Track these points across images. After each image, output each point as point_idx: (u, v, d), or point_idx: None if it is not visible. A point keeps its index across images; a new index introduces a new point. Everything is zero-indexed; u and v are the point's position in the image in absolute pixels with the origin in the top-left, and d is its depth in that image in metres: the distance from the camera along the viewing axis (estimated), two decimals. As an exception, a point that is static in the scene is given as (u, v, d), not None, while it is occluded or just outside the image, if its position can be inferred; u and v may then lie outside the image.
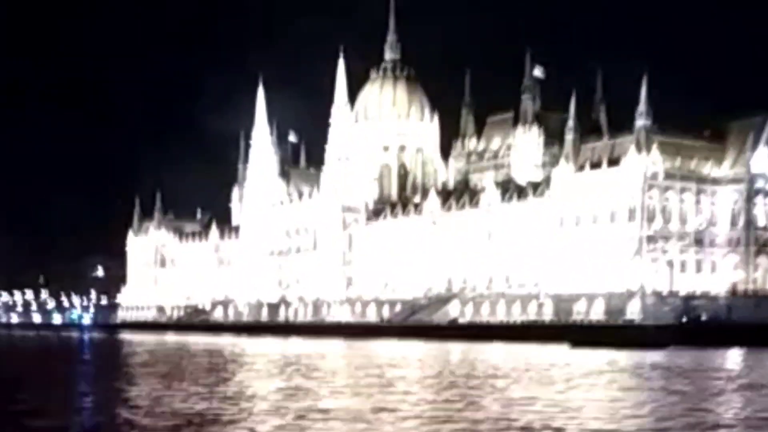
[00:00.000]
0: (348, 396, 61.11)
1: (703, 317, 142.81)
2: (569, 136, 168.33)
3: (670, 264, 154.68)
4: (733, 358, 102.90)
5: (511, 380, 72.90)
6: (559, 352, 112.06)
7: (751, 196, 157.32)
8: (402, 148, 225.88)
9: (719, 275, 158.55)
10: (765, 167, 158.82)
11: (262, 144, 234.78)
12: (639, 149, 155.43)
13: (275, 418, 49.92)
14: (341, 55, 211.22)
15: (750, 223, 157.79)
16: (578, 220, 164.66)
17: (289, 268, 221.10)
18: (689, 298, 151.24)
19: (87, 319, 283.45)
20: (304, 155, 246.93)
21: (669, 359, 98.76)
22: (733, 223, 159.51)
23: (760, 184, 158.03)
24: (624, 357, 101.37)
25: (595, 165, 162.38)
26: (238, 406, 56.18)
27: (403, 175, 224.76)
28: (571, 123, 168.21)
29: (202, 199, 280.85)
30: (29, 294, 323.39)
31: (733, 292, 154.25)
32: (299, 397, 61.23)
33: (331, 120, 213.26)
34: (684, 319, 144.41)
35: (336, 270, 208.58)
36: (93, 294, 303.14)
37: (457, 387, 67.22)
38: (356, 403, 56.39)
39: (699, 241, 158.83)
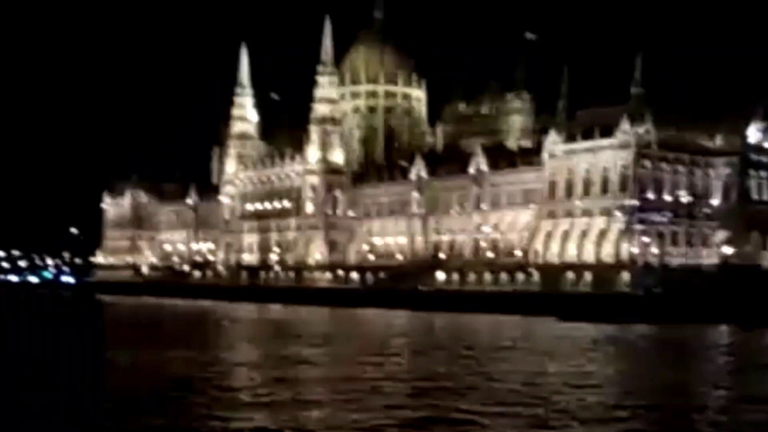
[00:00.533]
0: (354, 365, 58.07)
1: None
2: (561, 104, 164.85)
3: (661, 236, 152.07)
4: (725, 334, 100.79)
5: (519, 352, 70.21)
6: (548, 325, 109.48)
7: (744, 168, 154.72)
8: (389, 110, 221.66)
9: (710, 249, 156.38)
10: (759, 140, 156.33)
11: (243, 104, 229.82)
12: (632, 119, 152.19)
13: (283, 389, 46.93)
14: (327, 15, 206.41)
15: (743, 196, 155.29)
16: (569, 189, 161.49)
17: (270, 232, 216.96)
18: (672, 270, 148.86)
19: (68, 279, 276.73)
20: (287, 117, 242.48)
21: (663, 334, 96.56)
22: (726, 197, 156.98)
23: (754, 156, 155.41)
24: (617, 331, 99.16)
25: (587, 134, 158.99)
26: (245, 375, 53.32)
27: (390, 138, 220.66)
28: (563, 89, 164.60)
29: (180, 159, 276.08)
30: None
31: (724, 267, 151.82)
32: (304, 367, 58.21)
33: (318, 80, 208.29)
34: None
35: (319, 234, 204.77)
36: (67, 254, 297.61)
37: (464, 358, 64.40)
38: (366, 373, 53.45)
39: (690, 214, 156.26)
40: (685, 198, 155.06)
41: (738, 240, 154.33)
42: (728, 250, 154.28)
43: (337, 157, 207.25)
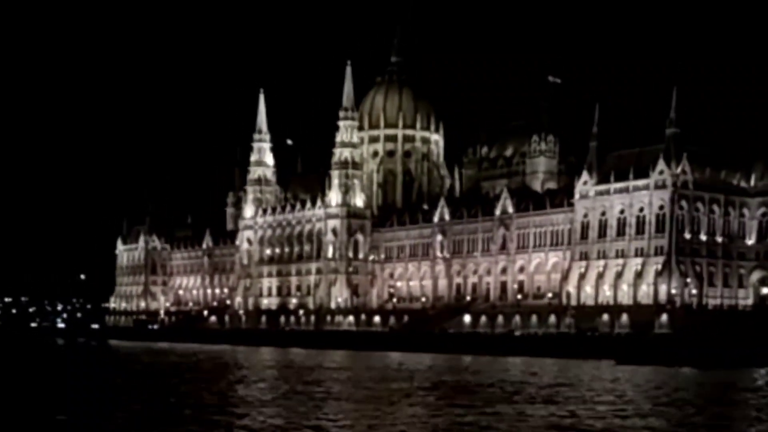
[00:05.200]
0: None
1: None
2: (593, 144, 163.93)
3: (699, 277, 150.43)
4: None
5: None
6: (607, 369, 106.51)
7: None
8: (407, 154, 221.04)
9: (746, 289, 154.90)
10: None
11: (261, 149, 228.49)
12: (668, 159, 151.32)
13: None
14: (348, 61, 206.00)
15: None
16: (602, 230, 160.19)
17: (290, 276, 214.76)
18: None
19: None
20: (300, 162, 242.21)
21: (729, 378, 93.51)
22: (761, 237, 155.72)
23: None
24: (694, 375, 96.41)
25: (621, 175, 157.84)
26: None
27: (409, 181, 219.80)
28: (594, 130, 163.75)
29: (193, 205, 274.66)
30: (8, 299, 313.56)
31: (761, 307, 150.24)
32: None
33: (339, 124, 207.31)
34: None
35: (341, 278, 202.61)
36: (79, 300, 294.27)
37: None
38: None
39: (727, 254, 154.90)
40: (720, 238, 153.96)
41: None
42: (765, 290, 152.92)
43: (359, 201, 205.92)
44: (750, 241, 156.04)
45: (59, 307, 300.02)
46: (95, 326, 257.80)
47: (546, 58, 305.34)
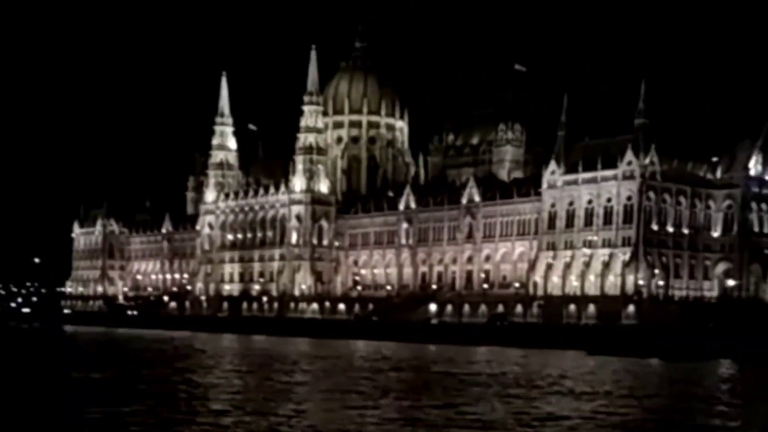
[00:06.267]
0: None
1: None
2: (561, 134, 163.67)
3: (666, 268, 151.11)
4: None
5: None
6: (581, 359, 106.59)
7: (746, 201, 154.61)
8: (372, 141, 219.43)
9: (711, 281, 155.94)
10: (760, 172, 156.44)
11: (224, 133, 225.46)
12: (637, 150, 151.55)
13: None
14: (313, 45, 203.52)
15: (744, 228, 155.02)
16: (570, 220, 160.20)
17: (252, 262, 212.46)
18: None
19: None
20: (262, 147, 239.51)
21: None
22: (727, 229, 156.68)
23: (755, 189, 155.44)
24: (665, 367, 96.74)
25: (589, 165, 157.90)
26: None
27: (373, 168, 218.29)
28: (563, 120, 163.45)
29: (152, 188, 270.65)
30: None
31: (724, 299, 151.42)
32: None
33: (303, 109, 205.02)
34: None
35: (305, 265, 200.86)
36: (35, 284, 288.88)
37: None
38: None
39: (693, 246, 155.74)
40: (686, 230, 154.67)
41: (739, 272, 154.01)
42: (729, 282, 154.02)
43: (323, 187, 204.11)
44: (715, 233, 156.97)
45: (14, 290, 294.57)
46: (67, 311, 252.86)
47: (514, 47, 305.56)
